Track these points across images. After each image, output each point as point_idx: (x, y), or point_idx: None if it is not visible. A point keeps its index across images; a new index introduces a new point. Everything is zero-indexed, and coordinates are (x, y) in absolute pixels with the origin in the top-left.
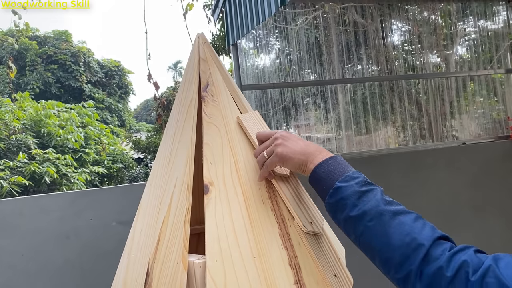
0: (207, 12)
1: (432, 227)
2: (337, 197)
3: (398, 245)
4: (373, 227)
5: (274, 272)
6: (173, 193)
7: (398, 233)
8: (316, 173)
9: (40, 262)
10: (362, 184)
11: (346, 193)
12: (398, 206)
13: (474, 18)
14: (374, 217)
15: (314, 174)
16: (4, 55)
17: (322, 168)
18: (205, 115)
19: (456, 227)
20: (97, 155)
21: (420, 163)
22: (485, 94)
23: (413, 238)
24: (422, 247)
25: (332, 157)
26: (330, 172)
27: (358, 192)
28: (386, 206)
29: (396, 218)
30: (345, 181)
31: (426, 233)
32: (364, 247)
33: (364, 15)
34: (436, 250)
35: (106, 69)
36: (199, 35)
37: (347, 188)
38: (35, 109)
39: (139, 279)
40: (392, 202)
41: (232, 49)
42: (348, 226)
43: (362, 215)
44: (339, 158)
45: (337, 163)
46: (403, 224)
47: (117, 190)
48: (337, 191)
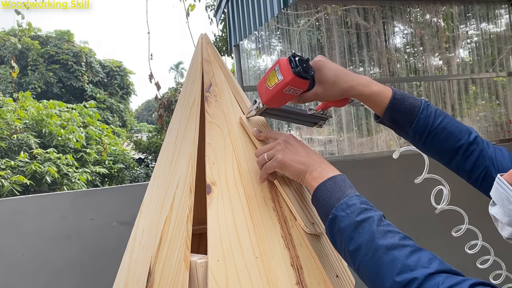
0: (209, 13)
1: (429, 260)
2: (333, 229)
3: (390, 283)
4: (368, 263)
5: (276, 272)
6: (175, 193)
7: (390, 270)
8: (315, 196)
9: (41, 262)
10: (359, 212)
11: (342, 224)
12: (393, 238)
13: (476, 20)
14: (368, 252)
15: (313, 197)
16: (6, 55)
17: (320, 191)
18: (207, 115)
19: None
20: (98, 155)
21: (421, 165)
22: (486, 97)
23: (404, 276)
24: (412, 284)
25: (331, 178)
26: (328, 196)
27: (354, 224)
28: (380, 239)
29: (389, 254)
30: (342, 209)
31: (419, 269)
32: (362, 279)
33: (366, 17)
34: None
35: (108, 69)
36: (202, 35)
37: (343, 219)
38: (36, 108)
39: (141, 278)
40: (388, 232)
41: (234, 50)
42: (346, 258)
43: (358, 249)
44: (338, 178)
45: (335, 184)
46: (396, 260)
47: (118, 190)
48: (334, 222)
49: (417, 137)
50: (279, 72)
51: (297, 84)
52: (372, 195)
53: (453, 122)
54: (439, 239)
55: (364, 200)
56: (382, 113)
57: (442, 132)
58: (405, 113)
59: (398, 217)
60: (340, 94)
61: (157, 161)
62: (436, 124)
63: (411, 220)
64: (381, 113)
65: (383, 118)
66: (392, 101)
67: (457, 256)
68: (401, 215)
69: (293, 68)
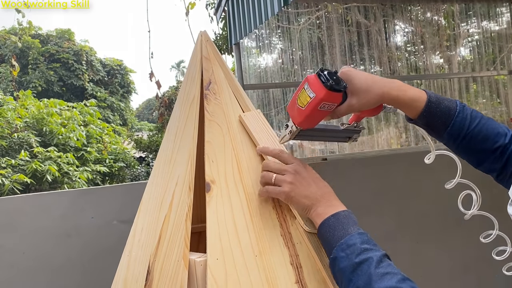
0: (210, 11)
1: None
2: (334, 268)
3: None
4: None
5: (275, 271)
6: (174, 191)
7: None
8: (319, 232)
9: (41, 260)
10: (358, 252)
11: (342, 265)
12: (391, 281)
13: (477, 19)
14: None
15: (318, 233)
16: (6, 53)
17: (323, 229)
18: (207, 113)
19: (457, 229)
20: (98, 153)
21: (422, 164)
22: (487, 96)
23: None
24: None
25: (335, 214)
26: (331, 235)
27: (352, 265)
28: (377, 282)
29: None
30: (342, 249)
31: None
32: None
33: (367, 15)
34: None
35: (109, 68)
36: (201, 33)
37: (342, 259)
38: (37, 107)
39: (140, 277)
40: (386, 275)
41: (235, 48)
42: None
43: None
44: (341, 215)
45: (338, 222)
46: None
47: (118, 189)
48: (334, 262)
49: (452, 140)
50: (309, 90)
51: (331, 99)
52: (373, 194)
53: (489, 123)
54: (440, 237)
55: (366, 238)
56: (417, 117)
57: (478, 135)
58: (441, 116)
59: (399, 216)
60: (375, 102)
61: (156, 159)
62: (472, 127)
63: (411, 218)
64: (415, 116)
65: (416, 121)
66: (428, 104)
67: (457, 254)
68: (401, 213)
69: (324, 83)
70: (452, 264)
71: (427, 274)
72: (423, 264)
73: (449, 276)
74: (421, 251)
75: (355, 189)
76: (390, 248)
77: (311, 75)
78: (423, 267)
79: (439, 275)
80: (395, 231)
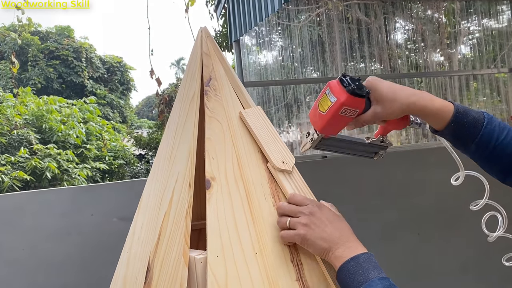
0: (210, 8)
1: None
2: None
3: None
4: None
5: (275, 268)
6: (174, 188)
7: None
8: (339, 277)
9: (41, 257)
10: None
11: None
12: None
13: (478, 16)
14: None
15: (337, 277)
16: (6, 50)
17: (342, 273)
18: (207, 109)
19: (457, 226)
20: (98, 151)
21: (422, 162)
22: (488, 94)
23: None
24: None
25: (354, 258)
26: (351, 280)
27: None
28: None
29: None
30: None
31: None
32: None
33: (367, 12)
34: None
35: (108, 65)
36: (202, 29)
37: None
38: (36, 104)
39: (140, 274)
40: None
41: (235, 45)
42: None
43: None
44: (361, 258)
45: (358, 266)
46: None
47: (118, 186)
48: None
49: (480, 152)
50: (331, 95)
51: (353, 104)
52: (373, 191)
53: None
54: (440, 235)
55: (387, 284)
56: (444, 127)
57: (507, 148)
58: (469, 127)
59: (399, 214)
60: (401, 111)
61: (156, 156)
62: (501, 139)
63: (412, 216)
64: (441, 127)
65: (443, 132)
66: (456, 115)
67: (457, 251)
68: (402, 212)
69: (346, 87)
70: (452, 262)
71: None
72: (423, 261)
73: (450, 273)
74: (421, 248)
75: (355, 186)
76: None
77: (333, 81)
78: (423, 264)
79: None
80: (395, 228)
